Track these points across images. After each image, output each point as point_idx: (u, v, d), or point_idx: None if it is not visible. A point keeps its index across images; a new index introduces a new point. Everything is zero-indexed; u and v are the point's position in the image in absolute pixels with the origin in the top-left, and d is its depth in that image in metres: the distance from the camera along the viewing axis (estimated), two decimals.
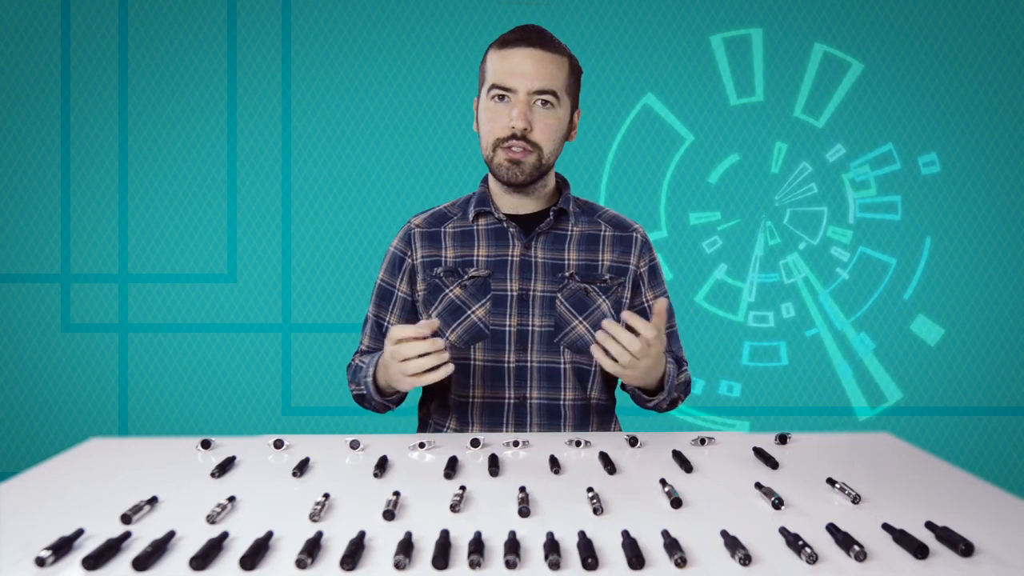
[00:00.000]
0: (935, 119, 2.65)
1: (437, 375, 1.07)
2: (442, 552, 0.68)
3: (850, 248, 2.66)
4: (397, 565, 0.67)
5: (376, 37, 2.64)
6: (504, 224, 1.32)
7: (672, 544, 0.70)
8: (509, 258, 1.31)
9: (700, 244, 2.67)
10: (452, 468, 0.96)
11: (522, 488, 0.86)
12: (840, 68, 2.65)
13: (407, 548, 0.68)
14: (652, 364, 1.10)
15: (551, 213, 1.32)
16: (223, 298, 2.64)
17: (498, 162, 1.25)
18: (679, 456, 1.01)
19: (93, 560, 0.67)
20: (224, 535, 0.72)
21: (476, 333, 1.29)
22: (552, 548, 0.68)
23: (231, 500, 0.83)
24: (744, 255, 2.67)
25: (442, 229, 1.36)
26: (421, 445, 1.08)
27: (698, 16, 2.65)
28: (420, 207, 2.60)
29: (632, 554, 0.67)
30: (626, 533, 0.72)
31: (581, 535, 0.72)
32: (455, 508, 0.81)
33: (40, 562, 0.67)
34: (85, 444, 1.12)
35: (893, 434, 1.18)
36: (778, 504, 0.83)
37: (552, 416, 1.29)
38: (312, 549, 0.69)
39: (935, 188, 2.66)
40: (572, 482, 0.93)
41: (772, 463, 0.99)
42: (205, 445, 1.08)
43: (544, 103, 1.23)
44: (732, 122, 2.67)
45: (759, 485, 0.88)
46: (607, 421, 1.36)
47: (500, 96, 1.23)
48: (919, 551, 0.69)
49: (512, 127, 1.22)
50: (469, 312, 1.30)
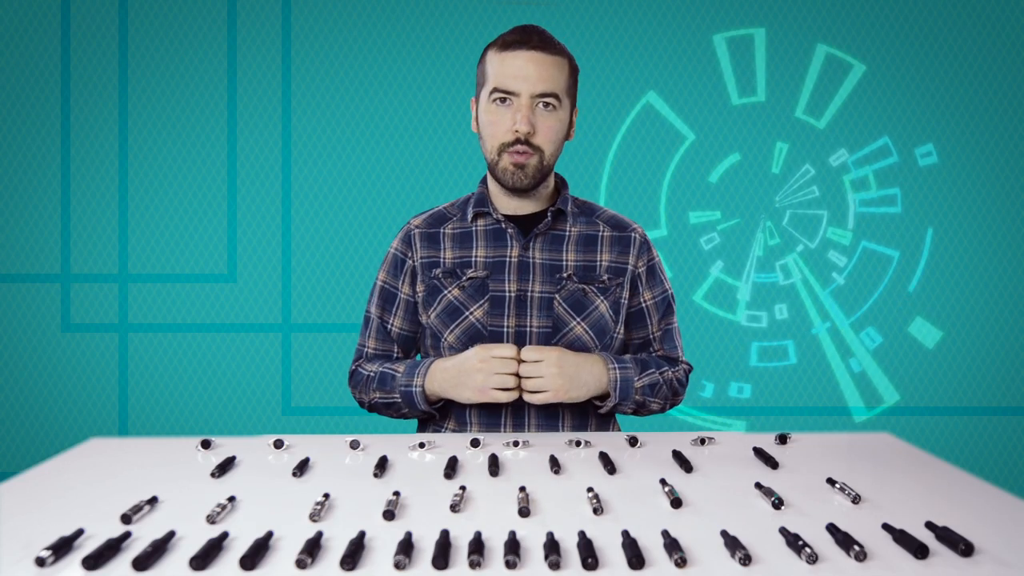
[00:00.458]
0: (930, 110, 2.65)
1: (508, 396, 1.18)
2: (442, 552, 0.68)
3: (848, 252, 2.65)
4: (397, 565, 0.67)
5: (376, 37, 2.64)
6: (502, 225, 1.32)
7: (672, 544, 0.70)
8: (507, 259, 1.31)
9: (698, 240, 2.67)
10: (452, 468, 0.96)
11: (522, 488, 0.86)
12: (842, 69, 2.65)
13: (407, 548, 0.68)
14: (573, 372, 1.19)
15: (549, 214, 1.32)
16: (223, 298, 2.64)
17: (503, 167, 1.25)
18: (679, 456, 1.01)
19: (93, 560, 0.67)
20: (224, 535, 0.72)
21: (474, 334, 1.29)
22: (552, 548, 0.68)
23: (231, 500, 0.83)
24: (743, 254, 2.67)
25: (441, 230, 1.36)
26: (421, 445, 1.08)
27: (701, 15, 2.65)
28: (420, 207, 2.60)
29: (632, 554, 0.67)
30: (626, 533, 0.72)
31: (581, 535, 0.72)
32: (455, 508, 0.81)
33: (40, 562, 0.67)
34: (85, 444, 1.12)
35: (893, 434, 1.18)
36: (778, 504, 0.83)
37: (550, 417, 1.29)
38: (312, 549, 0.69)
39: (934, 179, 2.66)
40: (572, 482, 0.93)
41: (772, 463, 0.99)
42: (205, 445, 1.08)
43: (546, 105, 1.23)
44: (733, 122, 2.67)
45: (759, 485, 0.88)
46: (605, 422, 1.36)
47: (502, 99, 1.23)
48: (919, 551, 0.69)
49: (516, 131, 1.22)
50: (467, 313, 1.30)
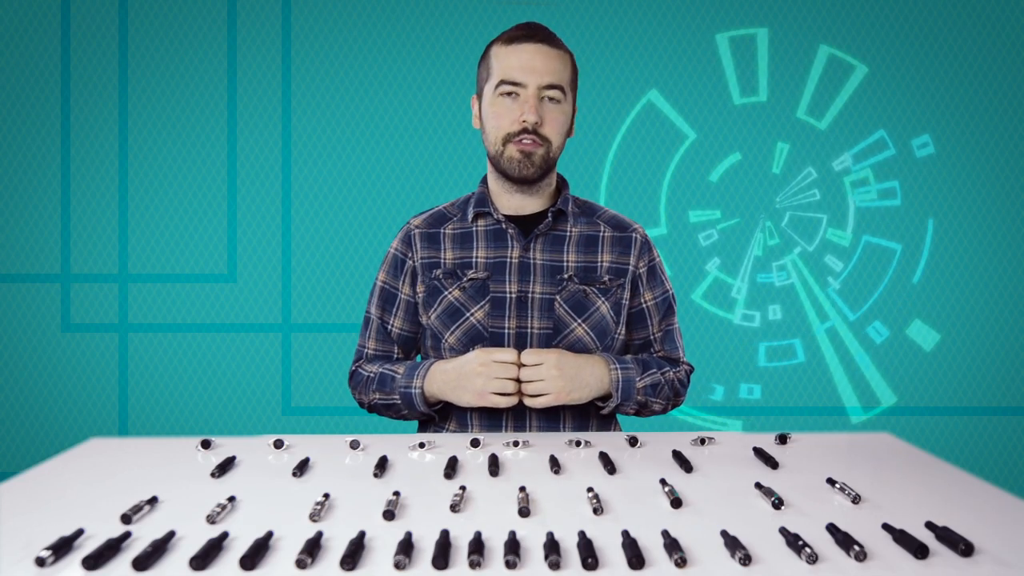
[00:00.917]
0: (924, 101, 2.64)
1: (507, 401, 1.18)
2: (442, 552, 0.68)
3: (846, 257, 2.65)
4: (397, 565, 0.66)
5: (376, 37, 2.64)
6: (503, 225, 1.32)
7: (672, 544, 0.70)
8: (508, 260, 1.31)
9: (696, 237, 2.66)
10: (452, 468, 0.96)
11: (522, 488, 0.86)
12: (844, 70, 2.64)
13: (407, 548, 0.68)
14: (574, 373, 1.19)
15: (549, 214, 1.32)
16: (223, 298, 2.64)
17: (508, 156, 1.25)
18: (679, 456, 1.01)
19: (93, 560, 0.67)
20: (224, 535, 0.72)
21: (475, 336, 1.28)
22: (552, 548, 0.68)
23: (231, 500, 0.83)
24: (741, 253, 2.66)
25: (441, 230, 1.35)
26: (421, 445, 1.08)
27: (704, 14, 2.65)
28: (420, 207, 2.59)
29: (632, 554, 0.67)
30: (626, 533, 0.72)
31: (581, 535, 0.72)
32: (455, 508, 0.81)
33: (40, 562, 0.67)
34: (85, 444, 1.12)
35: (893, 434, 1.18)
36: (778, 504, 0.83)
37: (551, 418, 1.29)
38: (312, 549, 0.69)
39: (932, 169, 2.65)
40: (572, 482, 0.93)
41: (772, 463, 0.99)
42: (205, 445, 1.08)
43: (551, 98, 1.25)
44: (735, 121, 2.67)
45: (759, 485, 0.88)
46: (607, 423, 1.36)
47: (508, 92, 1.24)
48: (919, 551, 0.69)
49: (523, 121, 1.23)
50: (468, 315, 1.29)
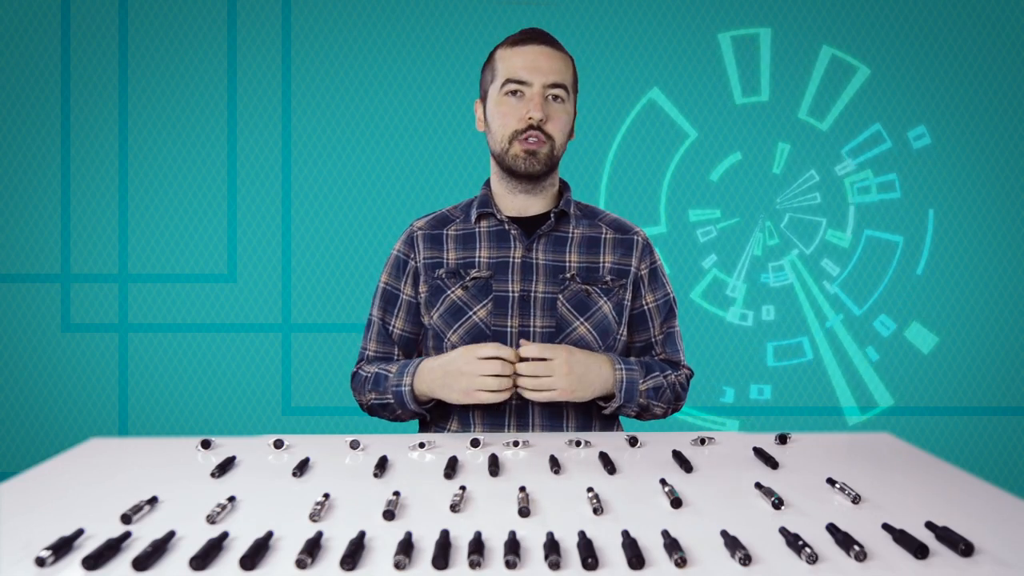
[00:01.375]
0: (918, 92, 2.64)
1: (495, 398, 1.16)
2: (442, 552, 0.68)
3: (843, 261, 2.64)
4: (397, 565, 0.66)
5: (376, 37, 2.64)
6: (506, 226, 1.33)
7: (672, 544, 0.70)
8: (511, 260, 1.31)
9: (695, 233, 2.66)
10: (452, 468, 0.96)
11: (522, 488, 0.86)
12: (847, 72, 2.64)
13: (407, 548, 0.68)
14: (582, 372, 1.18)
15: (552, 215, 1.33)
16: (223, 298, 2.64)
17: (514, 153, 1.27)
18: (679, 456, 1.01)
19: (93, 560, 0.67)
20: (224, 535, 0.72)
21: (477, 334, 1.29)
22: (552, 548, 0.68)
23: (231, 500, 0.83)
24: (739, 252, 2.66)
25: (444, 231, 1.36)
26: (421, 445, 1.08)
27: (707, 13, 2.65)
28: (420, 207, 2.61)
29: (632, 554, 0.67)
30: (626, 533, 0.72)
31: (581, 535, 0.72)
32: (455, 508, 0.81)
33: (40, 562, 0.67)
34: (85, 444, 1.12)
35: (893, 434, 1.18)
36: (778, 504, 0.83)
37: (554, 417, 1.29)
38: (312, 549, 0.69)
39: (929, 160, 2.64)
40: (572, 482, 0.93)
41: (772, 463, 0.99)
42: (205, 445, 1.08)
43: (555, 97, 1.27)
44: (736, 121, 2.67)
45: (759, 485, 0.88)
46: (609, 424, 1.36)
47: (514, 91, 1.26)
48: (919, 551, 0.69)
49: (529, 118, 1.25)
50: (471, 313, 1.30)
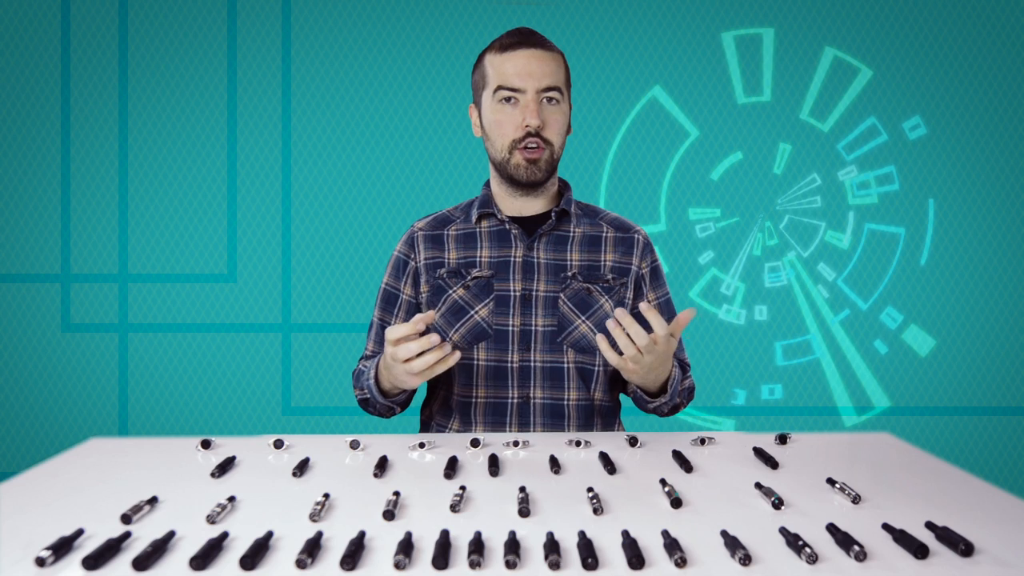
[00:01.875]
0: (912, 83, 2.63)
1: (443, 366, 1.07)
2: (442, 552, 0.68)
3: (839, 265, 2.63)
4: (397, 565, 0.66)
5: (376, 37, 2.64)
6: (506, 226, 1.33)
7: (672, 544, 0.70)
8: (512, 259, 1.31)
9: (694, 230, 2.66)
10: (452, 468, 0.96)
11: (522, 488, 0.86)
12: (849, 73, 2.64)
13: (407, 548, 0.68)
14: (656, 363, 1.09)
15: (553, 214, 1.33)
16: (223, 298, 2.64)
17: (515, 163, 1.27)
18: (679, 456, 1.01)
19: (93, 560, 0.67)
20: (224, 535, 0.72)
21: (479, 333, 1.29)
22: (552, 548, 0.68)
23: (231, 500, 0.83)
24: (737, 251, 2.66)
25: (445, 232, 1.37)
26: (421, 445, 1.08)
27: (710, 13, 2.64)
28: (420, 207, 2.61)
29: (632, 554, 0.67)
30: (626, 533, 0.72)
31: (581, 535, 0.72)
32: (455, 508, 0.81)
33: (40, 562, 0.67)
34: (85, 444, 1.12)
35: (893, 434, 1.18)
36: (778, 504, 0.83)
37: (556, 416, 1.29)
38: (312, 549, 0.69)
39: (926, 151, 2.64)
40: (572, 482, 0.93)
41: (772, 463, 0.99)
42: (205, 445, 1.08)
43: (550, 100, 1.26)
44: (738, 120, 2.67)
45: (759, 485, 0.88)
46: (611, 422, 1.36)
47: (507, 98, 1.25)
48: (919, 551, 0.69)
49: (527, 126, 1.24)
50: (472, 312, 1.30)
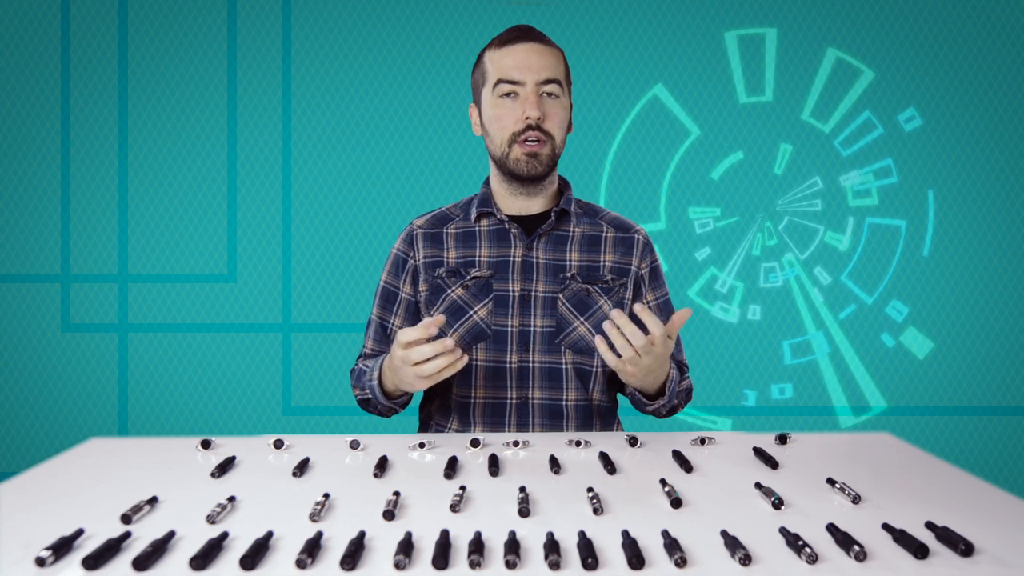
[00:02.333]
0: (905, 74, 2.63)
1: (452, 370, 1.07)
2: (442, 552, 0.68)
3: (835, 268, 2.63)
4: (397, 565, 0.66)
5: (376, 37, 2.64)
6: (506, 225, 1.33)
7: (672, 544, 0.70)
8: (511, 259, 1.31)
9: (694, 229, 2.66)
10: (452, 468, 0.96)
11: (522, 488, 0.86)
12: (851, 74, 2.64)
13: (407, 548, 0.68)
14: (654, 365, 1.09)
15: (553, 214, 1.32)
16: (223, 298, 2.64)
17: (515, 157, 1.26)
18: (679, 456, 1.01)
19: (93, 560, 0.67)
20: (224, 535, 0.72)
21: (478, 333, 1.29)
22: (552, 548, 0.68)
23: (231, 500, 0.83)
24: (736, 250, 2.66)
25: (444, 230, 1.36)
26: (421, 445, 1.08)
27: (714, 12, 2.64)
28: (420, 207, 2.61)
29: (632, 554, 0.67)
30: (626, 533, 0.72)
31: (581, 535, 0.72)
32: (455, 508, 0.81)
33: (40, 562, 0.67)
34: (85, 444, 1.12)
35: (893, 434, 1.18)
36: (778, 504, 0.83)
37: (554, 417, 1.29)
38: (312, 549, 0.69)
39: (923, 142, 2.64)
40: (572, 482, 0.93)
41: (772, 463, 0.99)
42: (205, 445, 1.08)
43: (550, 94, 1.26)
44: (739, 120, 2.66)
45: (759, 485, 0.88)
46: (610, 423, 1.36)
47: (507, 92, 1.25)
48: (919, 551, 0.69)
49: (527, 118, 1.23)
50: (471, 312, 1.30)
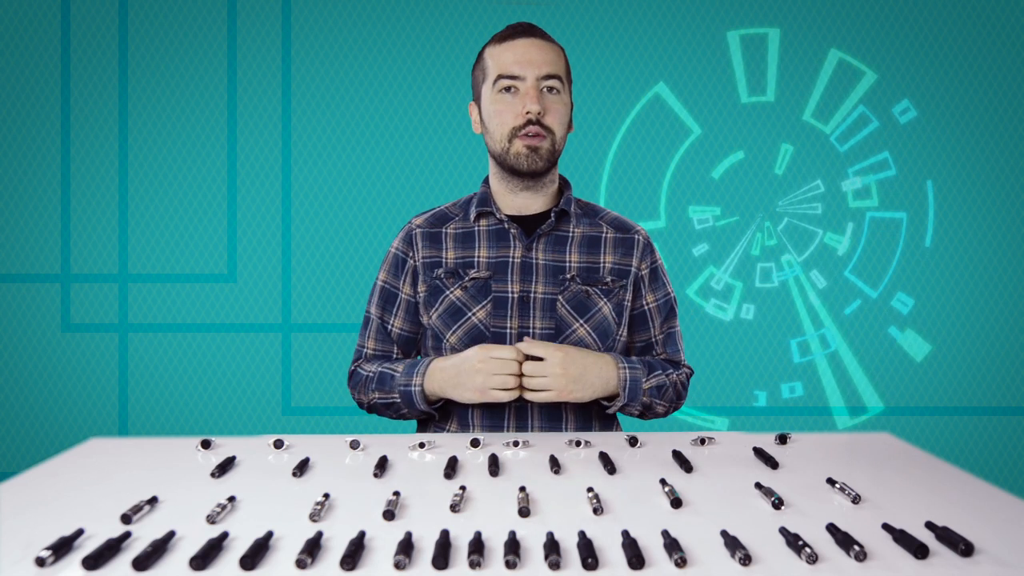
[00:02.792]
0: (898, 66, 2.63)
1: (508, 396, 1.18)
2: (442, 552, 0.68)
3: (831, 272, 2.63)
4: (397, 565, 0.66)
5: (376, 37, 2.64)
6: (505, 225, 1.32)
7: (672, 544, 0.70)
8: (510, 259, 1.30)
9: (693, 227, 2.66)
10: (452, 468, 0.96)
11: (522, 488, 0.86)
12: (853, 76, 2.63)
13: (407, 548, 0.68)
14: (579, 372, 1.18)
15: (553, 214, 1.31)
16: (223, 298, 2.64)
17: (515, 151, 1.25)
18: (679, 456, 1.01)
19: (93, 560, 0.67)
20: (224, 535, 0.72)
21: (477, 335, 1.28)
22: (552, 548, 0.68)
23: (231, 500, 0.83)
24: (733, 248, 2.66)
25: (443, 230, 1.35)
26: (421, 445, 1.08)
27: (717, 11, 2.64)
28: (420, 207, 2.60)
29: (632, 554, 0.67)
30: (626, 533, 0.72)
31: (581, 535, 0.72)
32: (455, 508, 0.81)
33: (40, 562, 0.67)
34: (85, 444, 1.12)
35: (893, 434, 1.18)
36: (778, 504, 0.83)
37: (553, 418, 1.29)
38: (312, 549, 0.69)
39: (919, 133, 2.64)
40: (572, 482, 0.93)
41: (772, 463, 0.99)
42: (205, 445, 1.08)
43: (550, 89, 1.25)
44: (741, 119, 2.66)
45: (759, 485, 0.88)
46: (609, 424, 1.35)
47: (508, 87, 1.24)
48: (919, 551, 0.69)
49: (527, 112, 1.23)
50: (470, 314, 1.29)
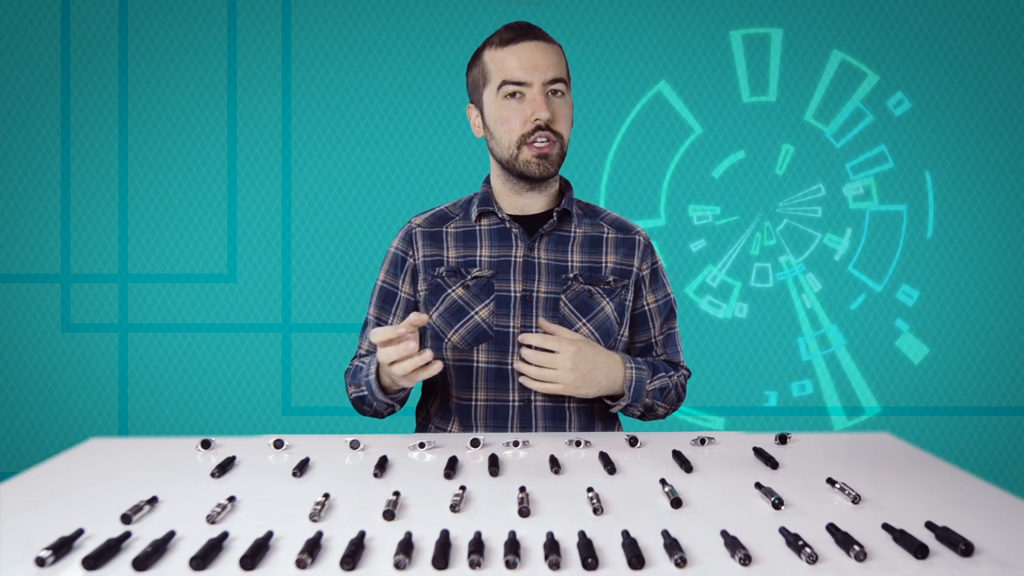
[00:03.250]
0: (892, 60, 2.63)
1: (427, 373, 1.09)
2: (442, 552, 0.68)
3: (828, 275, 2.63)
4: (397, 565, 0.66)
5: (376, 37, 2.64)
6: (507, 225, 1.32)
7: (672, 544, 0.70)
8: (512, 259, 1.30)
9: (693, 226, 2.66)
10: (452, 468, 0.96)
11: (522, 488, 0.86)
12: (855, 77, 2.63)
13: (407, 548, 0.68)
14: (588, 369, 1.17)
15: (555, 214, 1.31)
16: (223, 298, 2.64)
17: (525, 159, 1.24)
18: (679, 456, 1.01)
19: (93, 560, 0.67)
20: (224, 535, 0.72)
21: (479, 334, 1.28)
22: (552, 548, 0.68)
23: (231, 500, 0.83)
24: (736, 250, 2.66)
25: (444, 229, 1.35)
26: (421, 445, 1.08)
27: (720, 11, 2.64)
28: (420, 207, 2.59)
29: (632, 554, 0.67)
30: (626, 533, 0.72)
31: (581, 535, 0.72)
32: (455, 508, 0.81)
33: (40, 562, 0.67)
34: (85, 444, 1.12)
35: (893, 434, 1.18)
36: (778, 504, 0.83)
37: (557, 419, 1.28)
38: (312, 549, 0.69)
39: (914, 124, 2.64)
40: (572, 482, 0.93)
41: (772, 463, 0.99)
42: (205, 445, 1.08)
43: (556, 92, 1.24)
44: (742, 119, 2.66)
45: (759, 485, 0.88)
46: (611, 425, 1.36)
47: (513, 92, 1.23)
48: (919, 551, 0.69)
49: (536, 120, 1.22)
50: (472, 313, 1.29)
